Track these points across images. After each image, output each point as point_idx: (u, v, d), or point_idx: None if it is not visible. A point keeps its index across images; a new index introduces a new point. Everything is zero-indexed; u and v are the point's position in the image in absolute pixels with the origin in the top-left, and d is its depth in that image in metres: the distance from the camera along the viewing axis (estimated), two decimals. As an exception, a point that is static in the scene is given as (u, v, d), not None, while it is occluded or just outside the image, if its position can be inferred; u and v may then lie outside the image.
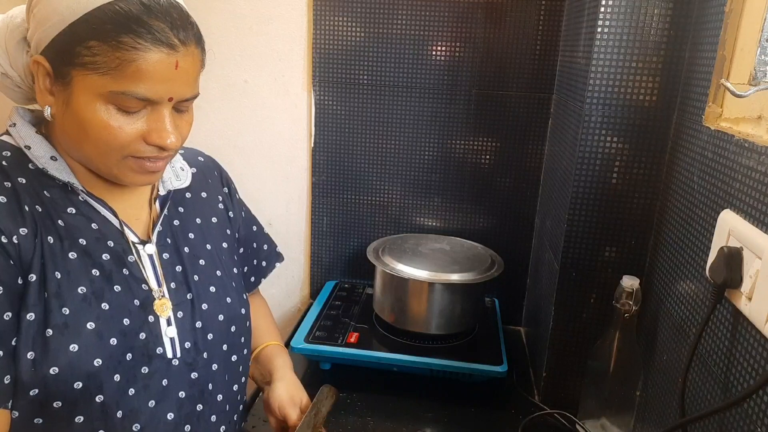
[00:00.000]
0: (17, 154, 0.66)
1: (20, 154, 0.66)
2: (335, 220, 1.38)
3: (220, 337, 0.76)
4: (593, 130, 0.89)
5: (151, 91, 0.61)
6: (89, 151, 0.64)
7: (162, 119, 0.64)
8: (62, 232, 0.65)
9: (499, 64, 1.23)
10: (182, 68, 0.63)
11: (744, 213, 0.62)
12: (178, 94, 0.64)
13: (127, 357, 0.66)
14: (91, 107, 0.61)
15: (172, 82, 0.63)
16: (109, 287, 0.67)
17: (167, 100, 0.63)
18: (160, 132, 0.64)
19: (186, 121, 0.69)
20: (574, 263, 0.96)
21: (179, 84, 0.64)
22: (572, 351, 1.00)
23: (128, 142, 0.63)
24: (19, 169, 0.65)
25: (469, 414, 1.02)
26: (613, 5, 0.84)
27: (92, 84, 0.60)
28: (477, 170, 1.30)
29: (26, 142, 0.66)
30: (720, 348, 0.66)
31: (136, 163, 0.65)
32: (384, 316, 1.17)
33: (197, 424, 0.73)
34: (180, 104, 0.66)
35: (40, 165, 0.65)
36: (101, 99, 0.61)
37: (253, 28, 1.27)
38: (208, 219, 0.82)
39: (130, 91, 0.60)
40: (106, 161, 0.65)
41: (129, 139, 0.63)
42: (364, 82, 1.27)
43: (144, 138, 0.64)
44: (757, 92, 0.63)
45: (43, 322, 0.61)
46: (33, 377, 0.60)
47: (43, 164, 0.65)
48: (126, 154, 0.64)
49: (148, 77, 0.60)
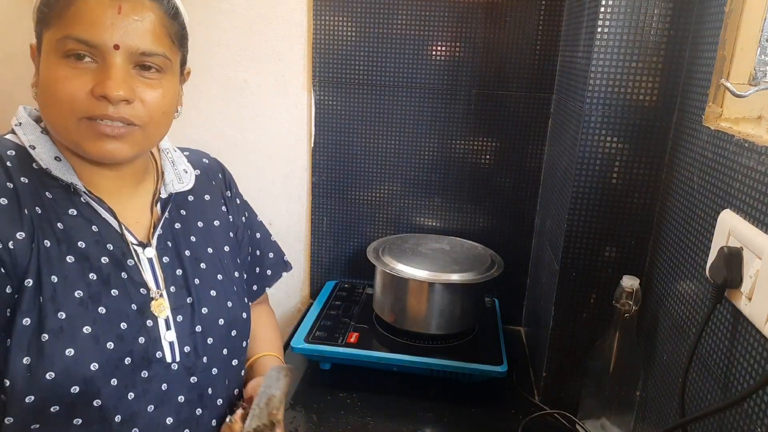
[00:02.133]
0: (21, 154, 0.66)
1: (25, 153, 0.66)
2: (335, 220, 1.38)
3: (220, 342, 0.76)
4: (593, 130, 0.89)
5: (90, 33, 0.61)
6: (51, 116, 0.64)
7: (109, 69, 0.62)
8: (60, 235, 0.65)
9: (499, 64, 1.23)
10: (129, 16, 0.62)
11: (744, 213, 0.62)
12: (125, 43, 0.62)
13: (126, 361, 0.65)
14: (49, 65, 0.63)
15: (116, 27, 0.61)
16: (107, 291, 0.66)
17: (113, 47, 0.62)
18: (104, 81, 0.61)
19: (154, 90, 0.66)
20: (574, 263, 0.96)
21: (126, 32, 0.62)
22: (572, 351, 1.00)
23: (76, 95, 0.61)
24: (23, 169, 0.65)
25: (469, 414, 1.02)
26: (613, 5, 0.84)
27: (49, 41, 0.62)
28: (477, 170, 1.30)
29: (31, 142, 0.66)
30: (720, 348, 0.66)
31: (91, 127, 0.63)
32: (384, 316, 1.17)
33: (196, 428, 0.73)
34: (142, 61, 0.64)
35: (43, 165, 0.65)
36: (54, 54, 0.62)
37: (253, 28, 1.27)
38: (210, 222, 0.81)
39: (71, 34, 0.61)
40: (65, 125, 0.63)
41: (77, 92, 0.61)
42: (364, 82, 1.27)
43: (92, 92, 0.62)
44: (757, 92, 0.63)
45: (38, 326, 0.61)
46: (29, 383, 0.60)
47: (46, 164, 0.65)
48: (79, 114, 0.62)
49: (87, 18, 0.61)
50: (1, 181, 0.62)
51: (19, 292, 0.61)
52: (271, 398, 0.70)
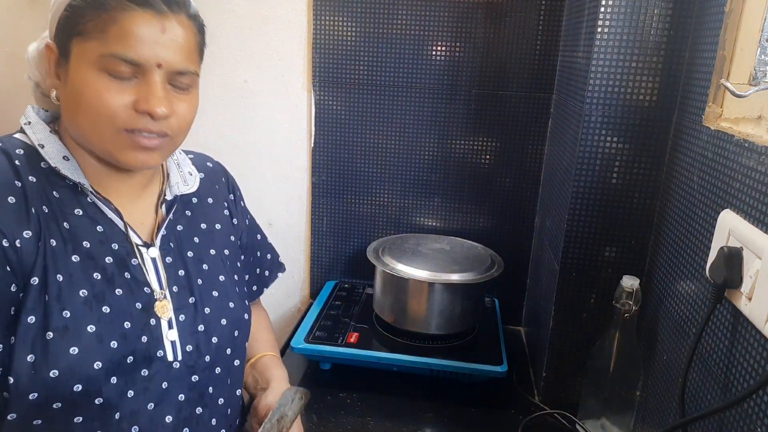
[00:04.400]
0: (30, 153, 0.66)
1: (33, 152, 0.66)
2: (335, 220, 1.38)
3: (223, 341, 0.76)
4: (593, 130, 0.89)
5: (137, 52, 0.61)
6: (85, 125, 0.64)
7: (151, 86, 0.63)
8: (66, 234, 0.65)
9: (499, 64, 1.23)
10: (171, 35, 0.63)
11: (744, 213, 0.62)
12: (167, 62, 0.63)
13: (128, 360, 0.66)
14: (85, 76, 0.62)
15: (160, 46, 0.62)
16: (111, 290, 0.67)
17: (156, 66, 0.63)
18: (148, 98, 0.63)
19: (185, 103, 0.68)
20: (574, 263, 0.96)
21: (168, 50, 0.63)
22: (572, 351, 1.00)
23: (118, 109, 0.62)
24: (31, 168, 0.65)
25: (469, 414, 1.02)
26: (613, 5, 0.84)
27: (85, 52, 0.61)
28: (477, 170, 1.30)
29: (40, 141, 0.67)
30: (720, 348, 0.66)
31: (130, 138, 0.64)
32: (384, 316, 1.17)
33: (196, 427, 0.73)
34: (176, 79, 0.66)
35: (52, 164, 0.66)
36: (93, 66, 0.61)
37: (253, 28, 1.27)
38: (213, 225, 0.82)
39: (116, 53, 0.61)
40: (101, 135, 0.64)
41: (119, 106, 0.62)
42: (364, 82, 1.27)
43: (134, 106, 0.63)
44: (757, 92, 0.63)
45: (43, 325, 0.61)
46: (33, 380, 0.60)
47: (55, 163, 0.66)
48: (119, 126, 0.63)
49: (133, 37, 0.61)
50: (9, 179, 0.63)
51: (25, 290, 0.61)
52: (283, 417, 0.72)
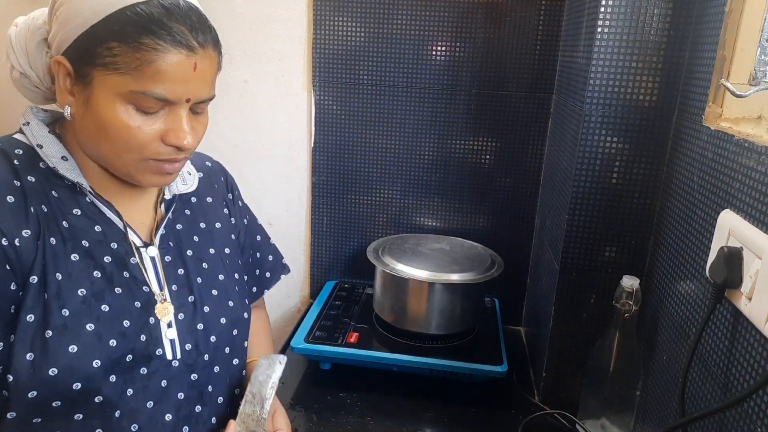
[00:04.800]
0: (29, 153, 0.67)
1: (32, 152, 0.67)
2: (335, 220, 1.38)
3: (222, 340, 0.77)
4: (593, 130, 0.89)
5: (170, 91, 0.62)
6: (107, 150, 0.65)
7: (179, 120, 0.65)
8: (66, 233, 0.65)
9: (499, 64, 1.23)
10: (200, 70, 0.64)
11: (744, 213, 0.62)
12: (195, 96, 0.65)
13: (127, 358, 0.66)
14: (111, 107, 0.62)
15: (190, 83, 0.63)
16: (110, 289, 0.67)
17: (185, 101, 0.64)
18: (177, 132, 0.65)
19: (201, 123, 0.69)
20: (574, 263, 0.96)
21: (197, 85, 0.64)
22: (572, 351, 1.00)
23: (147, 142, 0.64)
24: (30, 168, 0.65)
25: (469, 414, 1.02)
26: (613, 5, 0.84)
27: (112, 84, 0.61)
28: (477, 170, 1.30)
29: (39, 141, 0.67)
30: (720, 348, 0.66)
31: (155, 165, 0.66)
32: (384, 316, 1.17)
33: (195, 425, 0.74)
34: (196, 106, 0.67)
35: (51, 164, 0.66)
36: (121, 99, 0.61)
37: (253, 28, 1.27)
38: (212, 224, 0.82)
39: (149, 91, 0.61)
40: (124, 161, 0.66)
41: (147, 140, 0.64)
42: (364, 82, 1.27)
43: (162, 138, 0.64)
44: (757, 92, 0.63)
45: (42, 323, 0.61)
46: (32, 378, 0.60)
47: (54, 163, 0.66)
48: (145, 155, 0.65)
49: (167, 78, 0.61)
50: (9, 179, 0.63)
51: (24, 288, 0.62)
52: (262, 385, 0.74)
